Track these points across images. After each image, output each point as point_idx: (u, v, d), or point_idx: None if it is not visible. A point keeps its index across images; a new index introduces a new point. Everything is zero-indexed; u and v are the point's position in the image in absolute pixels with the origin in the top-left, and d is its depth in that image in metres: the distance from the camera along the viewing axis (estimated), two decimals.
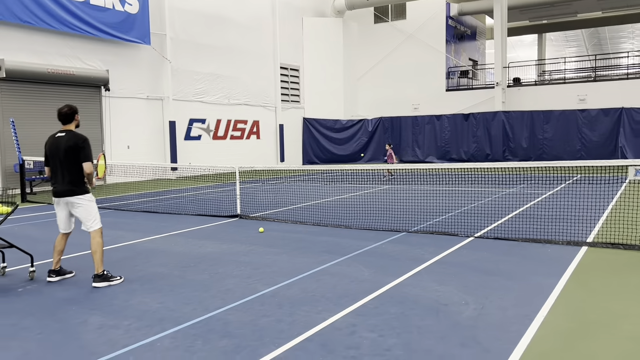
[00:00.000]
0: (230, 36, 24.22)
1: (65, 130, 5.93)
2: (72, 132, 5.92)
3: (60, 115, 5.90)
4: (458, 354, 3.85)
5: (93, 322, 4.67)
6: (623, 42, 52.73)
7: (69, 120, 5.94)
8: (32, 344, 4.19)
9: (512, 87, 27.74)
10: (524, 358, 3.74)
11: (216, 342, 4.15)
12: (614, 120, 24.11)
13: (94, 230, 5.89)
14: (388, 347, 4.00)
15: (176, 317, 4.74)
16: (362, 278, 5.90)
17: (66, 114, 5.90)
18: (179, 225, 9.79)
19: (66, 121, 5.94)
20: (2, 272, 6.35)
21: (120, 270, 6.41)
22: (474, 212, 10.48)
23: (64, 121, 5.93)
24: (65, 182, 5.82)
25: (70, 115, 5.93)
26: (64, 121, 5.93)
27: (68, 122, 5.94)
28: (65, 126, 5.96)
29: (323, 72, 29.19)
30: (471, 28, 33.12)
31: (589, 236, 7.93)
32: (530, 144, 25.95)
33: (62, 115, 5.90)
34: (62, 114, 5.90)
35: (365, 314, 4.72)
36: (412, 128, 28.88)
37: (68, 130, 5.92)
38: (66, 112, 5.90)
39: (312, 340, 4.15)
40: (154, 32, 20.48)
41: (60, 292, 5.60)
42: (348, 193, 14.65)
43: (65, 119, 5.92)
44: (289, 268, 6.43)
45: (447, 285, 5.56)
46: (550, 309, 4.74)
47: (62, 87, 17.69)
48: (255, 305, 5.05)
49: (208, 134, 23.75)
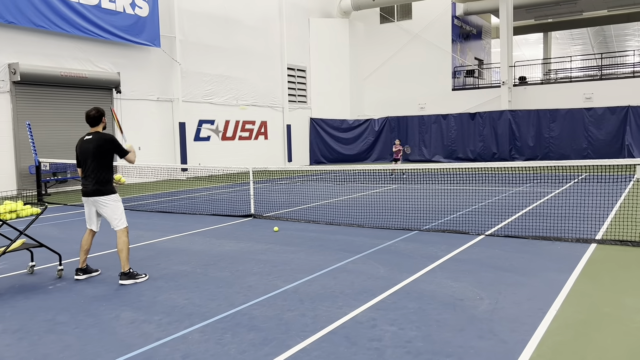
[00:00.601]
0: (237, 38, 24.47)
1: (93, 132, 6.17)
2: (100, 134, 6.16)
3: (88, 118, 6.14)
4: (476, 345, 4.05)
5: (125, 317, 4.90)
6: (629, 39, 52.65)
7: (97, 123, 6.18)
8: (70, 338, 4.42)
9: (518, 86, 27.87)
10: (539, 349, 3.94)
11: (244, 335, 4.37)
12: (621, 119, 24.21)
13: (120, 230, 6.12)
14: (409, 339, 4.20)
15: (203, 312, 4.97)
16: (379, 275, 6.11)
17: (94, 116, 6.14)
18: (195, 224, 10.02)
19: (94, 123, 6.17)
20: (31, 270, 6.59)
21: (144, 268, 6.64)
22: (483, 211, 10.67)
23: (91, 123, 6.17)
24: (92, 182, 6.06)
25: (98, 118, 6.16)
26: (92, 123, 6.17)
27: (95, 124, 6.18)
28: (93, 128, 6.20)
29: (329, 72, 29.40)
30: (477, 27, 33.24)
31: (598, 233, 8.11)
32: (536, 142, 26.08)
33: (89, 118, 6.14)
34: (90, 117, 6.13)
35: (385, 309, 4.93)
36: (419, 127, 29.06)
37: (95, 132, 6.16)
38: (94, 115, 6.14)
39: (336, 333, 4.36)
40: (163, 34, 20.75)
41: (90, 290, 5.83)
42: (358, 192, 14.86)
43: (93, 121, 6.16)
44: (306, 265, 6.65)
45: (462, 281, 5.76)
46: (563, 303, 4.94)
47: (75, 90, 17.98)
48: (278, 300, 5.27)
49: (217, 134, 24.00)
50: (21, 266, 6.87)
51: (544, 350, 3.92)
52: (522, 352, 3.88)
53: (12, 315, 5.03)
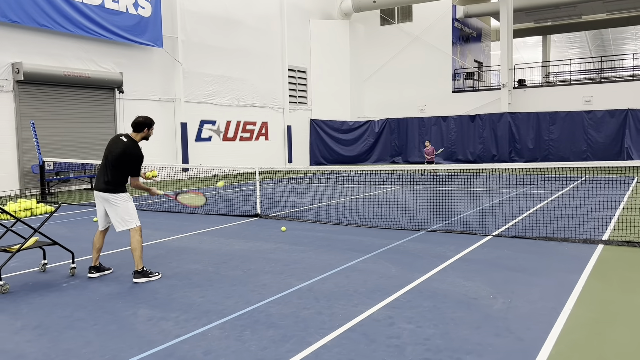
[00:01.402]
0: (239, 38, 24.52)
1: (129, 137, 6.17)
2: (133, 143, 6.13)
3: (133, 122, 6.18)
4: (494, 342, 4.11)
5: (142, 315, 4.93)
6: (626, 43, 52.91)
7: (139, 130, 6.19)
8: (90, 334, 4.46)
9: (518, 89, 28.00)
10: (556, 346, 3.99)
11: (264, 332, 4.41)
12: (620, 122, 24.38)
13: (132, 229, 6.14)
14: (427, 336, 4.25)
15: (220, 310, 5.00)
16: (390, 274, 6.16)
17: (139, 122, 6.16)
18: (202, 224, 10.05)
19: (136, 129, 6.19)
20: (43, 268, 6.61)
21: (156, 266, 6.68)
22: (488, 212, 10.73)
23: (134, 129, 6.18)
24: (105, 179, 6.08)
25: (141, 125, 6.17)
26: (134, 129, 6.18)
27: (137, 130, 6.19)
28: (133, 134, 6.21)
29: (330, 73, 29.47)
30: (476, 30, 33.38)
31: (604, 234, 8.18)
32: (536, 145, 26.22)
33: (134, 123, 6.17)
34: (135, 122, 6.17)
35: (400, 307, 4.98)
36: (419, 129, 29.17)
37: (131, 139, 6.16)
38: (139, 122, 6.16)
39: (354, 331, 4.41)
40: (166, 35, 20.78)
41: (104, 287, 5.86)
42: (362, 193, 14.91)
43: (136, 127, 6.17)
44: (317, 265, 6.69)
45: (473, 280, 5.82)
46: (576, 303, 4.99)
47: (78, 90, 18.00)
48: (293, 298, 5.31)
49: (218, 135, 24.03)
50: (33, 264, 6.90)
51: (561, 348, 3.98)
52: (540, 350, 3.93)
53: (28, 312, 5.06)
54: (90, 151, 18.17)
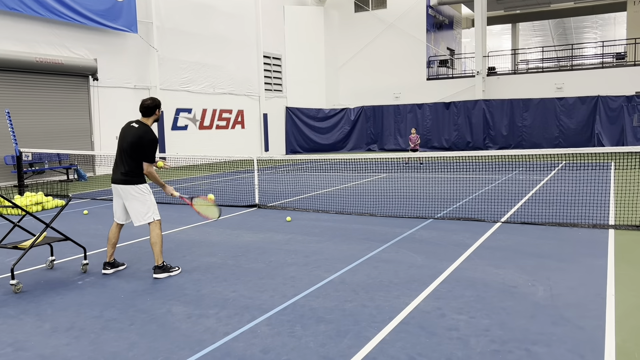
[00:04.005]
0: (214, 25, 23.94)
1: (140, 122, 5.84)
2: (144, 127, 5.81)
3: (142, 106, 5.81)
4: (555, 331, 4.05)
5: (178, 312, 4.69)
6: (587, 32, 54.30)
7: (149, 114, 5.85)
8: (132, 335, 4.19)
9: (491, 76, 28.33)
10: (618, 334, 3.96)
11: (315, 327, 4.24)
12: (590, 108, 24.96)
13: (152, 223, 5.85)
14: (485, 327, 4.17)
15: (259, 305, 4.80)
16: (418, 264, 6.07)
17: (148, 106, 5.80)
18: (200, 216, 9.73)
19: (146, 114, 5.84)
20: (51, 265, 6.25)
21: (170, 260, 6.40)
22: (486, 199, 10.78)
23: (143, 113, 5.83)
24: (123, 170, 5.76)
25: (152, 109, 5.82)
26: (144, 113, 5.83)
27: (147, 115, 5.85)
28: (143, 118, 5.87)
29: (305, 60, 29.17)
30: (449, 17, 33.58)
31: (609, 219, 8.30)
32: (510, 131, 26.64)
33: (143, 107, 5.81)
34: (143, 106, 5.80)
35: (444, 298, 4.88)
36: (394, 117, 29.23)
37: (143, 124, 5.83)
38: (148, 105, 5.80)
39: (408, 324, 4.29)
40: (140, 20, 20.09)
41: (124, 284, 5.57)
42: (351, 182, 14.80)
43: (146, 111, 5.82)
44: (339, 255, 6.54)
45: (504, 268, 5.78)
46: (616, 288, 5.00)
47: (51, 77, 17.25)
48: (330, 291, 5.15)
49: (194, 123, 23.49)
50: (36, 261, 6.51)
51: (624, 335, 3.95)
52: (606, 338, 3.90)
53: (54, 313, 4.75)
54: (64, 141, 17.48)
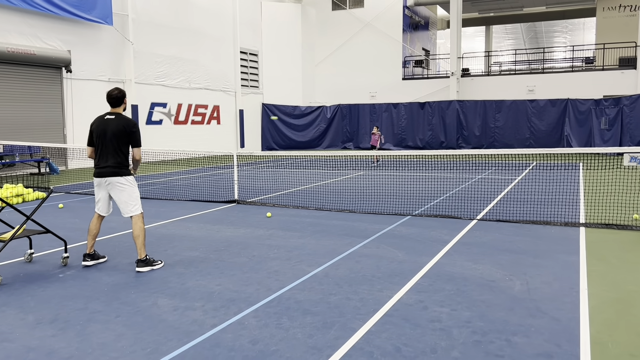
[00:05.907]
0: (191, 19, 23.75)
1: (114, 112, 5.84)
2: (122, 116, 5.85)
3: (110, 97, 5.80)
4: (533, 323, 4.21)
5: (164, 305, 4.71)
6: (557, 36, 55.60)
7: (118, 104, 5.85)
8: (118, 327, 4.20)
9: (465, 77, 28.79)
10: (592, 326, 4.15)
11: (302, 319, 4.32)
12: (560, 111, 25.61)
13: (136, 215, 5.85)
14: (467, 319, 4.31)
15: (245, 298, 4.86)
16: (399, 259, 6.20)
17: (116, 97, 5.81)
18: (179, 210, 9.72)
19: (115, 104, 5.84)
20: (29, 258, 6.17)
21: (152, 254, 6.40)
22: (461, 197, 11.01)
23: (113, 104, 5.83)
24: (109, 163, 5.75)
25: (120, 99, 5.84)
26: (113, 104, 5.83)
27: (117, 105, 5.85)
28: (114, 109, 5.87)
29: (282, 57, 29.16)
30: (424, 18, 33.97)
31: (580, 218, 8.59)
32: (482, 132, 27.14)
33: (112, 98, 5.80)
34: (112, 97, 5.79)
35: (425, 291, 5.02)
36: (370, 115, 29.46)
37: (118, 114, 5.84)
38: (116, 95, 5.81)
39: (392, 315, 4.40)
40: (115, 12, 19.81)
41: (106, 277, 5.55)
42: (329, 179, 14.90)
43: (115, 102, 5.82)
44: (321, 250, 6.63)
45: (482, 263, 5.95)
46: (589, 283, 5.21)
47: (23, 68, 16.90)
48: (314, 284, 5.24)
49: (169, 118, 23.28)
50: (14, 254, 6.43)
51: (598, 327, 4.13)
52: (580, 329, 4.08)
53: (37, 305, 4.72)
54: (36, 133, 17.15)
